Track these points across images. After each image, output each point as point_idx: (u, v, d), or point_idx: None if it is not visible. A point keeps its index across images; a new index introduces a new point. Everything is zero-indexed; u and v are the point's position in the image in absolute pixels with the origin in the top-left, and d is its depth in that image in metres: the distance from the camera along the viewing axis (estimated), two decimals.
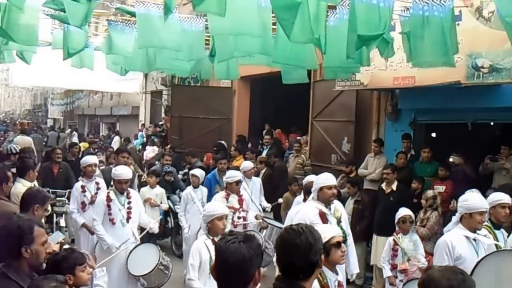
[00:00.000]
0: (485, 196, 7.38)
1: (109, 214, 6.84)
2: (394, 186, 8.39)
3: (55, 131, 28.88)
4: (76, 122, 34.97)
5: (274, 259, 4.71)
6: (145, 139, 18.91)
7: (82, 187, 8.02)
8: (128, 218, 6.87)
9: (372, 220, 8.55)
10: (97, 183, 8.13)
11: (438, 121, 9.84)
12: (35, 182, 7.67)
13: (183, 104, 15.30)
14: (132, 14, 6.69)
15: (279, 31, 5.57)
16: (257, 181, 9.54)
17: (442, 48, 5.54)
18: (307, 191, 6.79)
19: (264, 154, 12.27)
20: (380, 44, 5.64)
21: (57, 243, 4.73)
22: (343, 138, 11.09)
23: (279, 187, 10.09)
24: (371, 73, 8.96)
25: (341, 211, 6.12)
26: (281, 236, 2.91)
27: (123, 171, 6.99)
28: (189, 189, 8.80)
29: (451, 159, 8.77)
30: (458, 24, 5.80)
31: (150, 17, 6.22)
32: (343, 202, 8.73)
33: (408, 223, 6.56)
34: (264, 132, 14.22)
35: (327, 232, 4.07)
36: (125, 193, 6.94)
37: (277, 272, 3.00)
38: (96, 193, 7.93)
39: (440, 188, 8.41)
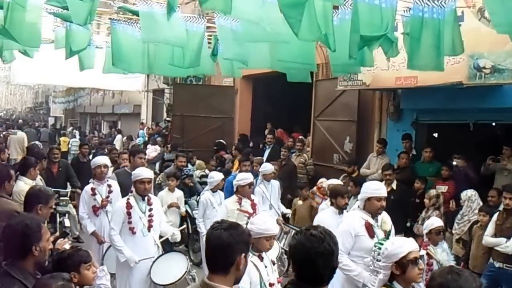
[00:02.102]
0: (487, 197, 7.49)
1: (129, 222, 6.21)
2: (394, 185, 8.39)
3: (47, 127, 29.10)
4: (78, 120, 35.02)
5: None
6: (147, 137, 18.87)
7: (92, 189, 7.39)
8: (150, 227, 6.29)
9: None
10: (109, 186, 7.50)
11: (440, 121, 9.83)
12: (39, 180, 7.69)
13: (185, 102, 15.29)
14: (135, 13, 6.69)
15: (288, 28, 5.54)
16: (275, 185, 9.05)
17: (435, 52, 5.53)
18: (333, 195, 6.54)
19: (266, 153, 12.25)
20: (384, 43, 5.62)
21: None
22: (345, 137, 11.08)
23: (287, 187, 9.93)
24: (373, 73, 8.94)
25: (390, 224, 5.64)
26: (301, 243, 2.77)
27: (143, 171, 6.47)
28: (208, 193, 8.16)
29: (454, 162, 8.74)
30: (460, 25, 5.80)
31: (154, 15, 6.22)
32: None
33: (441, 234, 6.05)
34: (267, 131, 14.20)
35: (405, 246, 3.71)
36: (146, 199, 6.35)
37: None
38: (107, 197, 7.41)
39: (443, 188, 8.40)
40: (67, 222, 8.83)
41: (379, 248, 4.80)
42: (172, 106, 17.10)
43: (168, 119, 17.99)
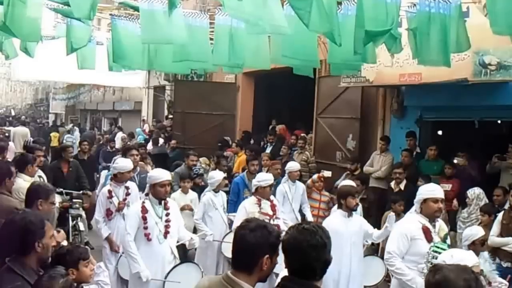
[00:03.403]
0: (493, 196, 7.43)
1: (145, 228, 5.74)
2: (402, 186, 8.31)
3: (35, 123, 29.07)
4: (78, 117, 34.93)
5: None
6: (147, 136, 18.74)
7: (109, 192, 7.03)
8: (166, 233, 5.80)
9: (378, 219, 8.47)
10: (126, 188, 7.15)
11: (445, 119, 9.77)
12: (37, 177, 7.60)
13: (186, 99, 15.19)
14: (136, 9, 6.63)
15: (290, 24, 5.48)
16: (300, 186, 8.67)
17: (443, 47, 5.54)
18: (342, 196, 6.15)
19: (268, 151, 12.15)
20: (388, 39, 5.59)
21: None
22: (348, 135, 11.05)
23: None
24: (377, 69, 8.90)
25: (446, 231, 5.35)
26: (294, 236, 2.77)
27: (161, 173, 6.04)
28: (210, 194, 7.75)
29: (455, 161, 8.66)
30: (465, 21, 5.75)
31: (154, 13, 6.13)
32: None
33: (485, 244, 5.64)
34: (271, 128, 14.11)
35: (465, 260, 3.54)
36: (162, 203, 5.88)
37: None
38: (124, 199, 7.07)
39: (447, 186, 8.32)
40: (81, 226, 8.58)
41: (434, 251, 4.65)
42: (173, 103, 17.02)
43: (171, 116, 17.91)
